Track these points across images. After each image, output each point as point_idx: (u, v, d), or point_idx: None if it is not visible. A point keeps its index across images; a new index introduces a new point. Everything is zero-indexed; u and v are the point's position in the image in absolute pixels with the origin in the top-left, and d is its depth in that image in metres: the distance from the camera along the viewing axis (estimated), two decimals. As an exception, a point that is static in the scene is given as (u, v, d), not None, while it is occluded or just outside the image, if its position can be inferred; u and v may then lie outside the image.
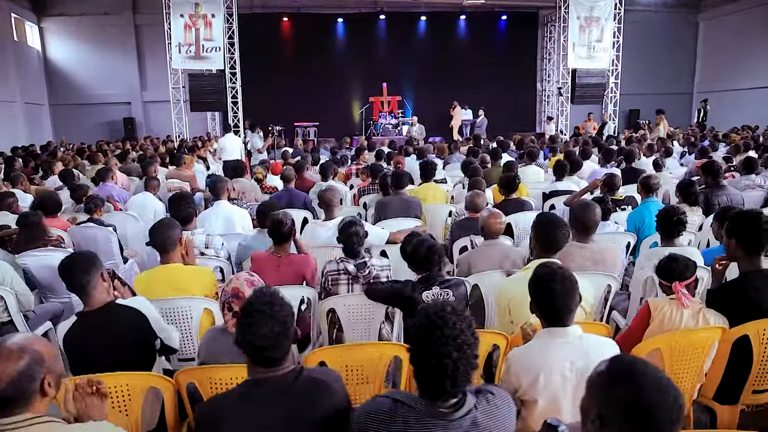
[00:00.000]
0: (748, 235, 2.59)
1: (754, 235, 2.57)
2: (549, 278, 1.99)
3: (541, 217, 2.95)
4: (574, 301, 1.98)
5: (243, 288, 2.23)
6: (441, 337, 1.45)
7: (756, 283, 2.55)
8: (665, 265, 2.61)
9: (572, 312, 1.98)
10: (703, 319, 2.48)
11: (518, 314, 2.65)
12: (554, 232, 2.77)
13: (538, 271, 2.06)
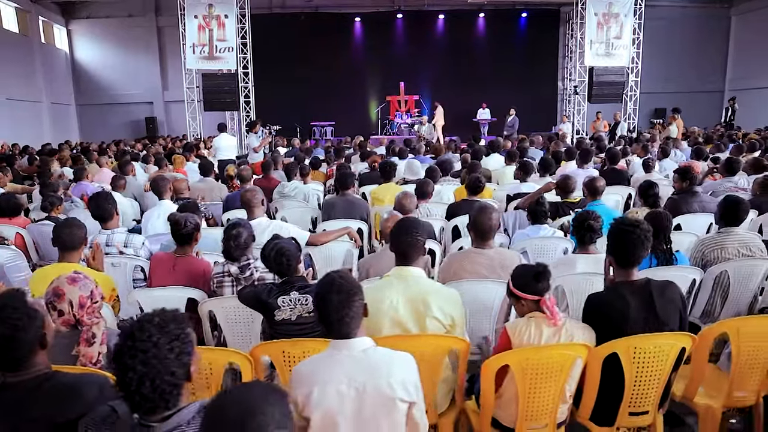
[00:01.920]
0: (619, 247, 2.40)
1: (623, 247, 2.38)
2: (326, 288, 1.87)
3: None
4: (351, 313, 1.86)
5: (63, 286, 2.19)
6: (130, 349, 1.38)
7: (624, 294, 2.36)
8: (531, 276, 2.41)
9: (350, 323, 1.86)
10: (566, 334, 2.30)
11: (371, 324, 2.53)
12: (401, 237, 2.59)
13: (321, 280, 1.95)
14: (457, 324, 2.52)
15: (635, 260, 2.40)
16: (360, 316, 1.90)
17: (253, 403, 1.19)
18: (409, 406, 1.87)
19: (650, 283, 2.38)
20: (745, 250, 3.47)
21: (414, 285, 2.52)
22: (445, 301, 2.50)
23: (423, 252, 2.60)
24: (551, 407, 2.31)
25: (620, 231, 2.40)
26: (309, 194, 6.11)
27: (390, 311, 2.48)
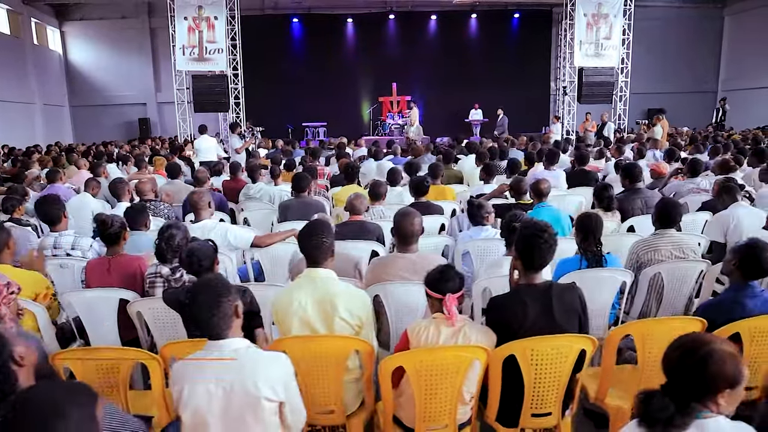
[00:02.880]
0: (525, 251, 2.42)
1: (529, 251, 2.40)
2: (196, 289, 1.90)
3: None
4: (219, 313, 1.89)
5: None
6: None
7: (524, 298, 2.38)
8: (436, 275, 2.44)
9: (218, 323, 1.90)
10: (463, 336, 2.32)
11: (282, 324, 2.57)
12: (307, 239, 2.62)
13: (194, 282, 1.99)
14: (365, 325, 2.54)
15: (540, 264, 2.41)
16: (230, 317, 1.93)
17: (56, 404, 1.21)
18: (280, 405, 1.90)
19: (552, 287, 2.40)
20: (679, 252, 3.48)
21: (322, 286, 2.55)
22: (353, 303, 2.53)
23: (331, 254, 2.62)
24: (449, 408, 2.33)
25: (527, 235, 2.41)
26: (275, 196, 6.13)
27: (299, 311, 2.52)
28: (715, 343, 1.55)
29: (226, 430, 1.85)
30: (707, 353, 1.52)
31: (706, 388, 1.53)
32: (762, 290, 2.63)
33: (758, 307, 2.55)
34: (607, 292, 3.26)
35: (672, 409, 1.52)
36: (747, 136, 11.59)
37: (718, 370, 1.51)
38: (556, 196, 6.04)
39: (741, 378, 1.52)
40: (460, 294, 2.42)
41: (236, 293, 1.99)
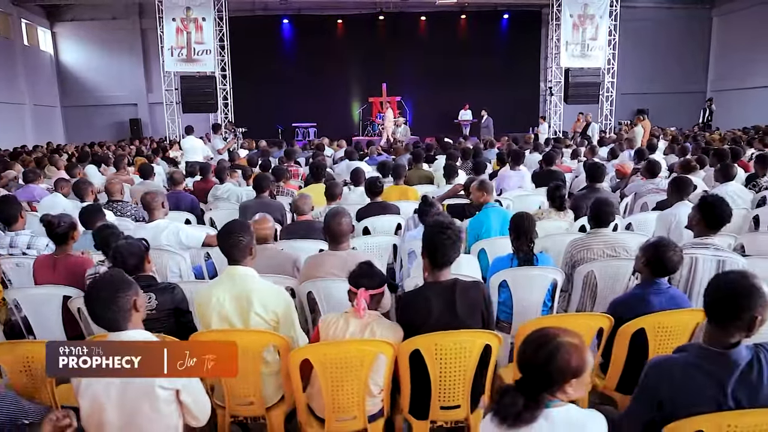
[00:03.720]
0: (430, 249, 2.51)
1: (434, 248, 2.49)
2: (94, 286, 2.02)
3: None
4: (115, 307, 2.00)
5: None
6: None
7: (429, 294, 2.48)
8: (356, 271, 2.55)
9: (115, 316, 2.00)
10: (370, 331, 2.42)
11: (203, 318, 2.67)
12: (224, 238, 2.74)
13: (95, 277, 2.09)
14: (282, 320, 2.64)
15: (445, 261, 2.50)
16: (128, 311, 2.03)
17: None
18: (177, 393, 2.00)
19: (456, 284, 2.49)
20: (610, 251, 3.57)
21: (240, 283, 2.65)
22: (268, 299, 2.63)
23: (250, 252, 2.72)
24: (357, 400, 2.42)
25: (430, 232, 2.51)
26: (242, 196, 6.23)
27: (217, 307, 2.62)
28: (561, 336, 1.63)
29: (123, 416, 1.96)
30: (554, 347, 1.61)
31: (554, 379, 1.61)
32: (668, 287, 2.72)
33: (662, 304, 2.64)
34: (538, 290, 3.35)
35: (521, 403, 1.60)
36: (725, 137, 11.66)
37: (564, 362, 1.60)
38: (519, 196, 6.16)
39: (585, 367, 1.62)
40: (377, 291, 2.51)
41: (135, 289, 2.09)
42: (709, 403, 1.82)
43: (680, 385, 1.83)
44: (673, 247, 2.67)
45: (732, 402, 1.81)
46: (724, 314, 1.84)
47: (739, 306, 1.81)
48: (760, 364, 1.81)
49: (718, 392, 1.81)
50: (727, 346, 1.83)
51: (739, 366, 1.80)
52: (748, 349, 1.83)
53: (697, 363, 1.85)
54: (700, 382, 1.83)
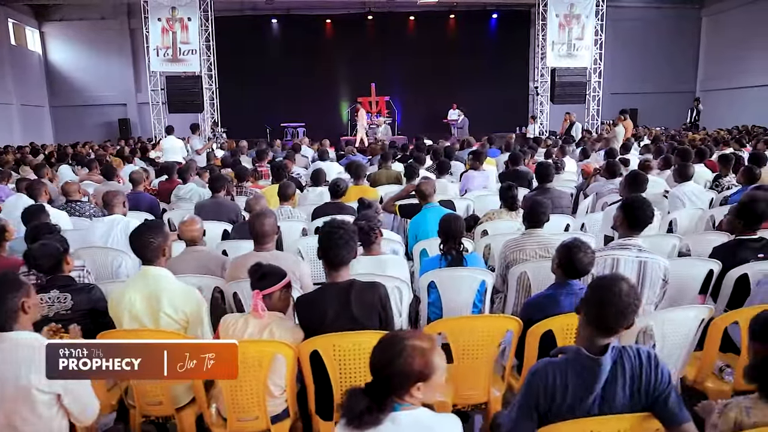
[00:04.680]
0: (323, 249, 2.51)
1: (327, 248, 2.50)
2: None
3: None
4: (4, 308, 2.03)
5: None
6: None
7: (325, 296, 2.49)
8: (252, 272, 2.55)
9: (7, 318, 2.03)
10: (269, 332, 2.42)
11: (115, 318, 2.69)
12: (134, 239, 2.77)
13: None
14: (191, 320, 2.65)
15: (338, 261, 2.50)
16: (15, 312, 2.05)
17: None
18: (58, 397, 2.00)
19: (353, 285, 2.49)
20: (543, 252, 3.57)
21: (152, 283, 2.66)
22: (179, 299, 2.64)
23: (163, 253, 2.72)
24: (257, 400, 2.42)
25: (324, 233, 2.51)
26: (204, 196, 6.21)
27: (128, 306, 2.64)
28: (408, 340, 1.62)
29: (4, 419, 1.96)
30: (398, 350, 1.60)
31: (397, 381, 1.60)
32: (581, 288, 2.71)
33: (572, 305, 2.62)
34: (466, 290, 3.35)
35: (363, 405, 1.58)
36: (705, 137, 11.66)
37: (407, 365, 1.58)
38: (480, 196, 6.16)
39: (431, 371, 1.60)
40: (271, 290, 2.51)
41: (25, 291, 2.09)
42: (580, 408, 1.81)
43: (553, 390, 1.82)
44: (585, 248, 2.67)
45: (597, 407, 1.80)
46: (596, 320, 1.84)
47: (610, 313, 1.80)
48: (623, 368, 1.81)
49: (587, 396, 1.81)
50: (599, 350, 1.82)
51: (606, 371, 1.79)
52: (614, 352, 1.82)
53: (570, 366, 1.84)
54: (571, 385, 1.82)
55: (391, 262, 3.35)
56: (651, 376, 1.80)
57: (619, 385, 1.79)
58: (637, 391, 1.80)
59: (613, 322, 1.82)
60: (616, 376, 1.79)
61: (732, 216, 3.71)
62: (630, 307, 1.79)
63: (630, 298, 1.80)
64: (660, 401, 1.80)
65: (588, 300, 1.88)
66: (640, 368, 1.80)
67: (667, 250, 4.26)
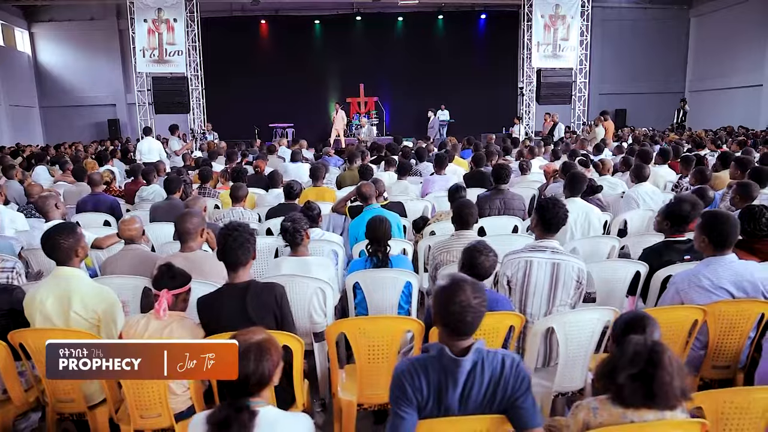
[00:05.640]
0: (219, 250, 2.59)
1: (223, 249, 2.58)
2: None
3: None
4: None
5: None
6: None
7: (223, 296, 2.59)
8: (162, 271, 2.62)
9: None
10: (169, 332, 2.49)
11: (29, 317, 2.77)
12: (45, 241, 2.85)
13: None
14: (103, 319, 2.72)
15: (234, 262, 2.58)
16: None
17: None
18: None
19: (250, 286, 2.56)
20: (469, 253, 3.62)
21: (64, 284, 2.73)
22: (89, 299, 2.71)
23: (75, 254, 2.79)
24: (159, 399, 2.49)
25: (221, 234, 2.58)
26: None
27: (39, 306, 2.72)
28: (257, 342, 1.72)
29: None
30: (243, 352, 1.70)
31: (257, 382, 1.71)
32: (488, 291, 2.77)
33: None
34: (391, 291, 3.41)
35: (225, 410, 1.68)
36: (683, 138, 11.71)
37: (264, 368, 1.69)
38: (439, 198, 6.21)
39: (271, 373, 1.71)
40: (180, 290, 2.58)
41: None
42: (441, 406, 1.86)
43: (420, 387, 1.85)
44: (486, 252, 2.73)
45: (457, 406, 1.85)
46: (442, 324, 1.88)
47: (453, 320, 1.85)
48: (483, 371, 1.85)
49: (447, 395, 1.85)
50: (460, 351, 1.86)
51: (465, 372, 1.84)
52: (475, 354, 1.86)
53: (431, 365, 1.87)
54: (433, 383, 1.85)
55: (316, 263, 3.41)
56: (510, 381, 1.84)
57: (477, 386, 1.84)
58: (494, 393, 1.85)
59: (455, 327, 1.85)
60: (475, 377, 1.84)
61: (660, 217, 3.77)
62: (467, 313, 1.81)
63: (466, 305, 1.82)
64: (515, 406, 1.85)
65: (434, 305, 1.92)
66: (501, 373, 1.85)
67: (606, 252, 4.33)
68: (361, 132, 15.52)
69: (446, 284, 1.89)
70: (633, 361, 1.72)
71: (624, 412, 1.76)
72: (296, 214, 3.47)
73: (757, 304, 2.89)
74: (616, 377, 1.73)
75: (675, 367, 1.71)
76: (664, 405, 1.72)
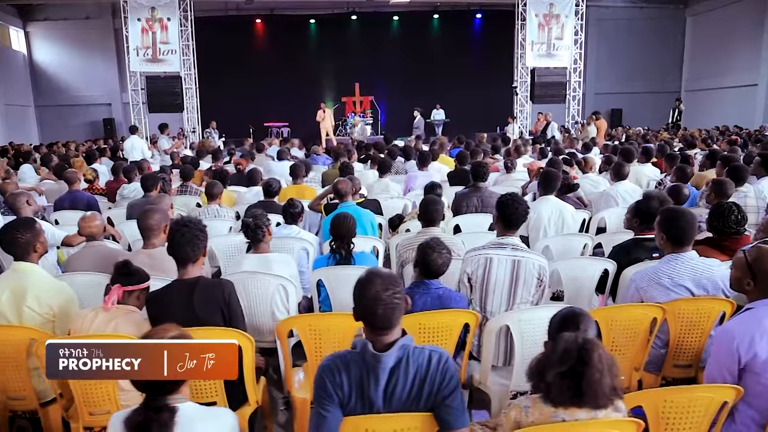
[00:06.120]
0: (168, 246, 2.58)
1: (170, 246, 2.57)
2: None
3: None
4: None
5: None
6: None
7: (172, 292, 2.58)
8: (118, 267, 2.62)
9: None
10: (114, 325, 2.48)
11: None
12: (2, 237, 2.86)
13: None
14: (58, 314, 2.71)
15: (183, 258, 2.56)
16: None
17: None
18: None
19: (198, 282, 2.55)
20: (434, 251, 3.60)
21: (22, 278, 2.74)
22: (44, 293, 2.71)
23: (34, 249, 2.79)
24: (109, 395, 2.47)
25: (171, 230, 2.57)
26: (149, 195, 6.27)
27: (-7, 302, 2.70)
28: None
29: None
30: None
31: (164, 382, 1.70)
32: (438, 288, 2.76)
33: (426, 304, 2.69)
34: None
35: (143, 412, 1.68)
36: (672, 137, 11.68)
37: None
38: (418, 194, 6.19)
39: None
40: (134, 288, 2.57)
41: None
42: (365, 402, 1.83)
43: (341, 383, 1.83)
44: (439, 249, 2.72)
45: (381, 403, 1.83)
46: (362, 319, 1.87)
47: (368, 313, 1.83)
48: (408, 367, 1.81)
49: (370, 391, 1.82)
50: (384, 347, 1.84)
51: (387, 368, 1.81)
52: (400, 350, 1.83)
53: (353, 360, 1.84)
54: (355, 380, 1.82)
55: (277, 260, 3.40)
56: (436, 378, 1.81)
57: (401, 383, 1.81)
58: (420, 390, 1.81)
59: (368, 320, 1.84)
60: (400, 374, 1.81)
61: (630, 215, 3.75)
62: (377, 306, 1.78)
63: (376, 298, 1.79)
64: (443, 404, 1.81)
65: (353, 299, 1.90)
66: (427, 370, 1.81)
67: (578, 250, 4.31)
68: (354, 131, 15.48)
69: (359, 278, 1.87)
70: (562, 358, 1.69)
71: (555, 411, 1.74)
72: (258, 210, 3.47)
73: (716, 301, 2.87)
74: (546, 375, 1.71)
75: (605, 365, 1.68)
76: (594, 404, 1.69)
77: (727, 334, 2.19)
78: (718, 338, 2.25)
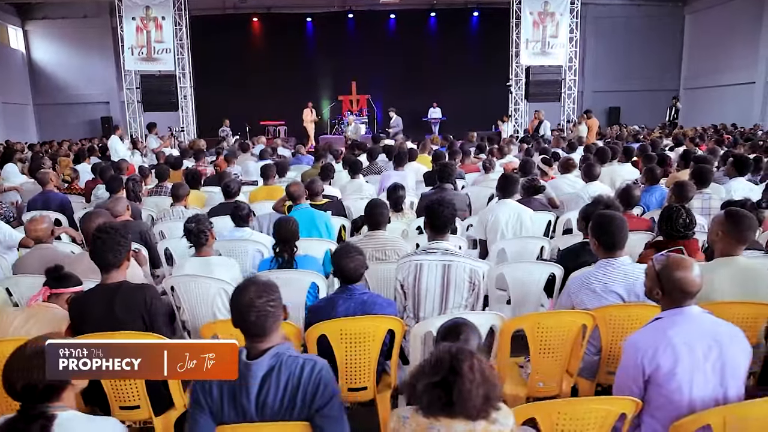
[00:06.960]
0: (91, 251, 2.60)
1: (92, 251, 2.58)
2: None
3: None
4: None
5: None
6: None
7: (94, 296, 2.60)
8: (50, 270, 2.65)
9: None
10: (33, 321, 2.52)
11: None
12: None
13: None
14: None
15: (105, 264, 2.58)
16: None
17: None
18: None
19: (121, 287, 2.56)
20: (380, 254, 3.61)
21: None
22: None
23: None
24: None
25: (93, 236, 2.59)
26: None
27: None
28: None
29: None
30: (27, 358, 1.70)
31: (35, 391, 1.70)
32: (362, 293, 2.76)
33: (349, 310, 2.69)
34: (296, 292, 3.39)
35: (14, 421, 1.67)
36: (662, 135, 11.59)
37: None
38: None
39: None
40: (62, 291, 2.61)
41: None
42: (238, 411, 1.83)
43: (211, 392, 1.84)
44: (352, 254, 2.72)
45: (255, 412, 1.82)
46: (239, 325, 1.88)
47: (240, 319, 1.84)
48: (279, 376, 1.82)
49: (242, 400, 1.82)
50: (257, 354, 1.84)
51: (257, 376, 1.81)
52: (273, 358, 1.83)
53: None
54: (226, 388, 1.83)
55: (218, 263, 3.41)
56: (308, 387, 1.81)
57: (273, 391, 1.81)
58: (293, 400, 1.81)
59: (242, 327, 1.85)
60: (271, 382, 1.81)
61: (579, 218, 3.73)
62: (250, 313, 1.80)
63: (248, 304, 1.81)
64: (318, 414, 1.81)
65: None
66: (299, 378, 1.81)
67: (535, 252, 4.29)
68: (347, 130, 15.47)
69: (237, 286, 1.89)
70: (435, 368, 1.68)
71: (431, 423, 1.72)
72: (200, 215, 3.48)
73: (647, 308, 2.83)
74: (417, 385, 1.70)
75: (478, 375, 1.66)
76: (465, 414, 1.68)
77: (633, 346, 2.18)
78: (626, 350, 2.23)
